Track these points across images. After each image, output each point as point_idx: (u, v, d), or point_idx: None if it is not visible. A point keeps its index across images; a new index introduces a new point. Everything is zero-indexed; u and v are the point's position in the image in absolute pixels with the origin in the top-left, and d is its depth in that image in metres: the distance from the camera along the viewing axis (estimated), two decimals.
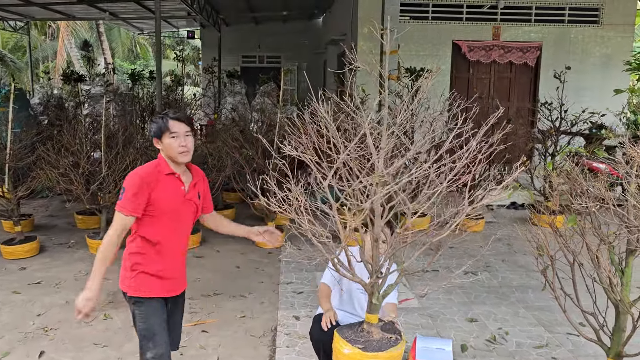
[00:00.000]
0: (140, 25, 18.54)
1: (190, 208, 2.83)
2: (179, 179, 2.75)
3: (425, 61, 9.43)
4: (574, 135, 7.90)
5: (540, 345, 3.96)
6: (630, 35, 10.37)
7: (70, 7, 13.80)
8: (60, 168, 5.91)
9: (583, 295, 3.20)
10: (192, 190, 2.82)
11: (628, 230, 2.79)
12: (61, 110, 9.68)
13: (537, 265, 3.30)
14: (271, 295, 4.93)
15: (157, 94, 8.36)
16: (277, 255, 6.04)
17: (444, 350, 3.35)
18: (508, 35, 10.05)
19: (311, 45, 16.82)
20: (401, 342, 2.88)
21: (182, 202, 2.76)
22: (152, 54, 30.50)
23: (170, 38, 27.14)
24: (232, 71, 14.38)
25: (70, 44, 25.89)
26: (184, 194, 2.77)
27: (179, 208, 2.75)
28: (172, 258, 2.82)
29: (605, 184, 2.98)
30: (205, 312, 4.57)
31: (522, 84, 10.44)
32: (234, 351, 3.91)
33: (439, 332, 4.15)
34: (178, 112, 2.78)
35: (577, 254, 3.10)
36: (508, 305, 4.69)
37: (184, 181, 2.77)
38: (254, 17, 15.88)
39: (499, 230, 7.08)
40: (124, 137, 6.53)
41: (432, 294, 4.92)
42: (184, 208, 2.79)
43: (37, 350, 3.86)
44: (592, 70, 10.17)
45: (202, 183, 2.92)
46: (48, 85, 15.97)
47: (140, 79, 12.66)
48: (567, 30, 10.15)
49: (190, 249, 6.26)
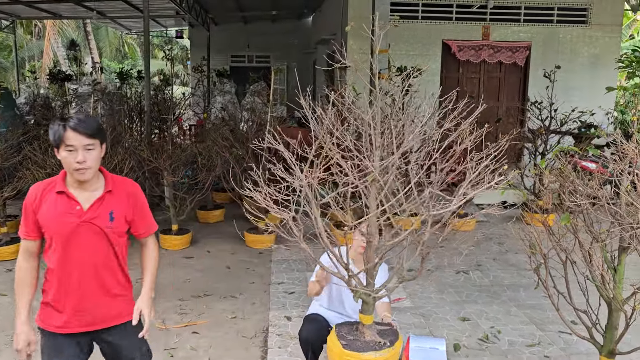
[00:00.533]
0: (128, 24, 18.36)
1: (92, 231, 2.29)
2: (72, 197, 2.27)
3: (415, 60, 9.41)
4: (563, 134, 7.94)
5: (533, 343, 3.95)
6: (617, 35, 10.45)
7: (57, 5, 13.62)
8: (47, 168, 5.82)
9: (575, 294, 3.19)
10: (97, 209, 2.29)
11: (621, 228, 2.79)
12: (48, 109, 9.56)
13: (529, 264, 3.29)
14: (262, 296, 4.89)
15: (146, 93, 8.27)
16: (268, 255, 6.00)
17: (438, 349, 3.33)
18: (497, 35, 10.07)
19: (300, 45, 16.78)
20: (388, 348, 2.83)
21: (76, 225, 2.26)
22: (140, 54, 30.26)
23: (158, 38, 26.96)
24: (221, 70, 14.28)
25: (57, 44, 25.61)
26: (79, 215, 2.27)
27: (71, 232, 2.26)
28: (77, 291, 2.32)
29: (598, 181, 2.98)
30: (195, 313, 4.52)
31: (511, 83, 10.47)
32: (225, 352, 3.87)
33: (431, 331, 4.14)
34: (83, 119, 2.25)
35: (569, 252, 3.10)
36: (500, 304, 4.69)
37: (80, 200, 2.28)
38: (243, 16, 15.80)
39: (490, 229, 7.09)
40: (112, 136, 6.45)
41: (424, 293, 4.91)
42: (81, 232, 2.27)
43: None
44: (580, 70, 10.23)
45: (125, 201, 2.38)
46: (34, 85, 15.78)
47: (129, 78, 12.54)
48: (556, 30, 10.20)
49: (180, 249, 6.20)
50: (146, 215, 2.51)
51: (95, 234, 2.30)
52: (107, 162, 5.87)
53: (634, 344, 3.03)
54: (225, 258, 5.96)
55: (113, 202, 2.34)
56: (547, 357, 3.76)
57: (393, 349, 2.86)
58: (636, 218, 2.69)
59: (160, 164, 6.27)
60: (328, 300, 3.40)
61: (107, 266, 2.37)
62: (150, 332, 4.10)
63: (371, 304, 2.91)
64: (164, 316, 4.42)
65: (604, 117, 8.55)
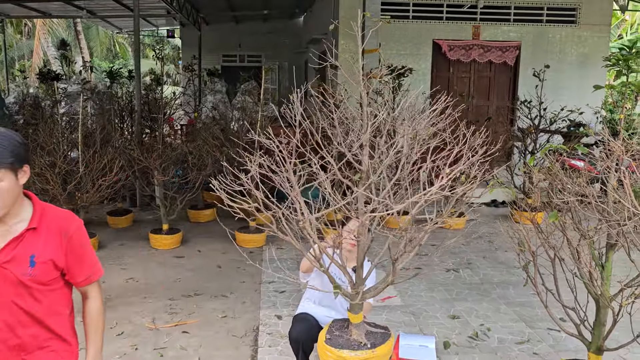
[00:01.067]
0: (119, 23, 18.28)
1: (4, 280, 1.76)
2: None
3: (406, 60, 9.43)
4: (552, 133, 7.99)
5: (522, 340, 3.98)
6: (606, 35, 10.54)
7: (47, 4, 13.55)
8: (36, 167, 5.78)
9: (564, 291, 3.22)
10: (12, 251, 1.77)
11: (608, 225, 2.81)
12: (37, 109, 9.48)
13: (518, 261, 3.31)
14: (253, 295, 4.88)
15: (136, 92, 8.24)
16: (259, 254, 6.00)
17: (427, 347, 3.35)
18: (487, 34, 10.13)
19: (292, 45, 16.77)
20: (366, 350, 2.81)
21: None
22: (131, 54, 30.12)
23: (149, 37, 26.85)
24: (212, 69, 14.24)
25: (47, 43, 25.42)
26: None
27: None
28: None
29: (586, 179, 3.00)
30: (185, 312, 4.51)
31: (501, 82, 10.53)
32: (215, 352, 3.86)
33: (421, 329, 4.15)
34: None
35: (558, 249, 3.12)
36: (489, 302, 4.71)
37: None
38: (235, 16, 15.76)
39: (480, 227, 7.12)
40: (102, 136, 6.41)
41: (414, 291, 4.93)
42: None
43: None
44: (569, 69, 10.31)
45: (56, 241, 1.83)
46: (24, 84, 15.66)
47: (118, 77, 12.47)
48: (545, 30, 10.27)
49: (170, 249, 6.17)
50: (85, 259, 1.93)
51: (8, 284, 1.76)
52: (96, 162, 5.84)
53: (621, 340, 3.05)
54: (216, 257, 5.94)
55: (36, 243, 1.80)
56: (536, 354, 3.79)
57: (373, 352, 2.82)
58: (623, 215, 2.71)
59: (151, 163, 6.24)
60: (318, 297, 3.40)
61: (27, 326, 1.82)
62: (140, 332, 4.10)
63: (359, 304, 2.91)
64: (154, 316, 4.41)
65: (593, 116, 8.61)
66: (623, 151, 2.80)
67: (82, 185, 5.81)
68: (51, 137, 6.23)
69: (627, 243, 2.83)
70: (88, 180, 5.80)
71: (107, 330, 4.10)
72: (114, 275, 5.28)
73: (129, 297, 4.79)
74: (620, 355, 3.61)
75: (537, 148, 7.71)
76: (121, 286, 5.05)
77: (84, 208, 5.90)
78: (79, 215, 5.92)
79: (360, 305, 2.92)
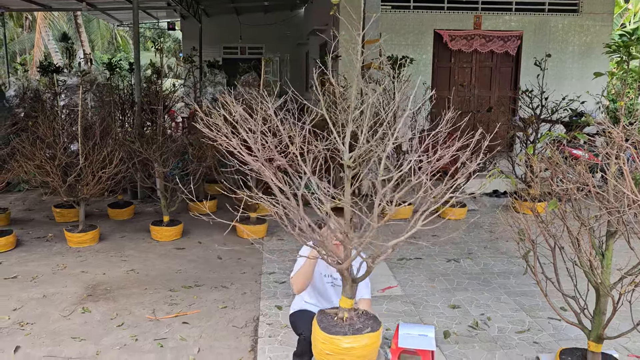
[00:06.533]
0: (119, 16, 18.21)
1: None
2: None
3: (407, 51, 9.39)
4: (554, 123, 7.95)
5: (522, 330, 3.97)
6: (608, 24, 10.45)
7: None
8: (36, 160, 5.78)
9: (564, 280, 3.21)
10: None
11: (608, 212, 2.80)
12: (38, 102, 9.47)
13: (518, 251, 3.30)
14: (253, 286, 4.88)
15: (136, 84, 8.22)
16: (259, 245, 5.99)
17: (427, 336, 3.33)
18: (489, 24, 10.06)
19: (293, 36, 16.70)
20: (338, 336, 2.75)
21: None
22: (132, 46, 30.07)
23: (150, 30, 26.77)
24: (212, 61, 14.20)
25: (48, 36, 25.39)
26: None
27: None
28: None
29: (584, 167, 2.98)
30: (186, 303, 4.51)
31: (503, 72, 10.48)
32: (215, 342, 3.86)
33: (421, 318, 4.15)
34: None
35: (558, 238, 3.11)
36: (490, 291, 4.70)
37: None
38: (235, 7, 15.68)
39: (481, 217, 7.10)
40: (102, 128, 6.40)
41: (414, 281, 4.92)
42: None
43: (13, 345, 3.76)
44: (571, 59, 10.24)
45: None
46: (24, 78, 15.63)
47: (118, 69, 12.40)
48: (547, 19, 10.19)
49: (171, 240, 6.18)
50: None
51: None
52: (96, 154, 5.83)
53: (621, 328, 3.05)
54: (217, 249, 5.95)
55: None
56: (537, 343, 3.78)
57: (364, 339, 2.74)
58: (623, 203, 2.70)
59: (150, 155, 6.23)
60: (312, 291, 3.40)
61: None
62: (140, 322, 4.11)
63: (348, 287, 2.83)
64: (154, 307, 4.41)
65: (595, 105, 8.56)
66: (623, 138, 2.78)
67: (82, 177, 5.81)
68: (51, 130, 6.22)
69: (627, 231, 2.81)
70: (88, 172, 5.80)
71: (108, 321, 4.12)
72: (115, 267, 5.29)
73: (129, 289, 4.79)
74: (620, 344, 3.60)
75: (539, 138, 7.67)
76: (122, 278, 5.05)
77: (85, 200, 5.90)
78: (79, 209, 5.93)
79: (348, 290, 2.85)
